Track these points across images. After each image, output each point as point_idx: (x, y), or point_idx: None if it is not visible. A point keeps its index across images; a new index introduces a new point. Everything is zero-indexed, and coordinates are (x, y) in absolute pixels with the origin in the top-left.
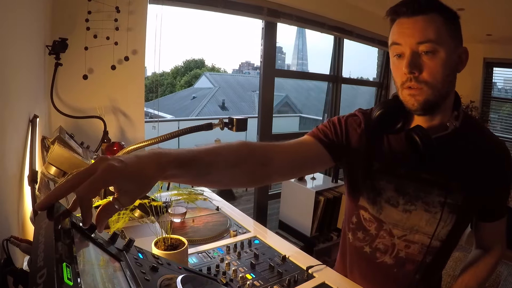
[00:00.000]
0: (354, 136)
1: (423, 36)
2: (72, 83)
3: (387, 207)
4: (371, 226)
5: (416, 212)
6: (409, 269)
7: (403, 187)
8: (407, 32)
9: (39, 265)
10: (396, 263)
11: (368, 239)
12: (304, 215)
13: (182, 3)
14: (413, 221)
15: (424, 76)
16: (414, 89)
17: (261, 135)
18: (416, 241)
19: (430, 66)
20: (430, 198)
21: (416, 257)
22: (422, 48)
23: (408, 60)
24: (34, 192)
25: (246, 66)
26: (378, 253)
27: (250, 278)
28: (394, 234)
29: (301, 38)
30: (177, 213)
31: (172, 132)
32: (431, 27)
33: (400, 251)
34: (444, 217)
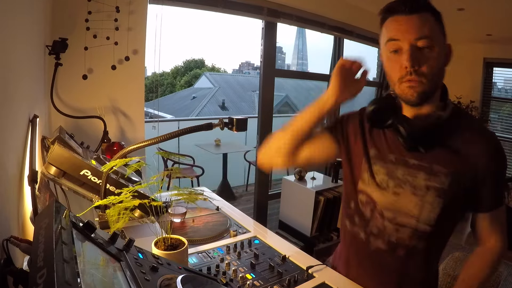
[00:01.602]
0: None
1: (421, 32)
2: (72, 83)
3: (379, 190)
4: (366, 208)
5: (404, 194)
6: (401, 255)
7: (393, 172)
8: (405, 29)
9: (39, 265)
10: (389, 249)
11: (363, 223)
12: (304, 215)
13: (182, 3)
14: (401, 204)
15: (423, 70)
16: (413, 81)
17: (261, 135)
18: (405, 224)
19: (427, 60)
20: (417, 182)
21: (406, 242)
22: (420, 43)
23: (410, 55)
24: (34, 192)
25: (246, 66)
26: (372, 237)
27: (250, 278)
28: (385, 216)
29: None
30: (177, 213)
31: (172, 132)
32: (426, 24)
33: (391, 235)
34: (430, 200)
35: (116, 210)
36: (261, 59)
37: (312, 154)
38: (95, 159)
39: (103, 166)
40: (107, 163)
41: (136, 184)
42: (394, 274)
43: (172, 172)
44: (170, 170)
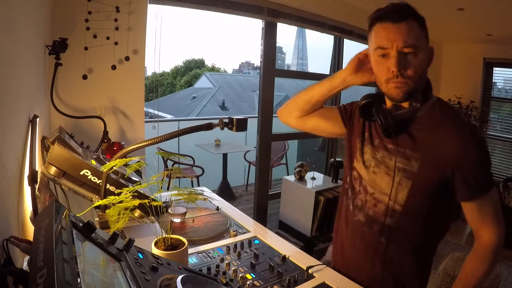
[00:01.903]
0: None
1: (407, 41)
2: (72, 83)
3: (364, 168)
4: (356, 183)
5: (380, 174)
6: (376, 230)
7: (375, 153)
8: (393, 36)
9: (39, 265)
10: (366, 222)
11: (353, 196)
12: (304, 215)
13: (182, 3)
14: (377, 181)
15: (409, 73)
16: (399, 83)
17: (261, 135)
18: (380, 200)
19: (413, 65)
20: (391, 163)
21: (380, 218)
22: (406, 50)
23: (396, 60)
24: (34, 192)
25: (246, 66)
26: (356, 210)
27: (250, 278)
28: (368, 191)
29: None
30: (177, 213)
31: (172, 132)
32: (412, 32)
33: (369, 209)
34: (400, 180)
35: (116, 210)
36: (261, 59)
37: (320, 122)
38: (95, 159)
39: (103, 166)
40: (107, 163)
41: (136, 184)
42: (370, 248)
43: (172, 172)
44: (170, 170)
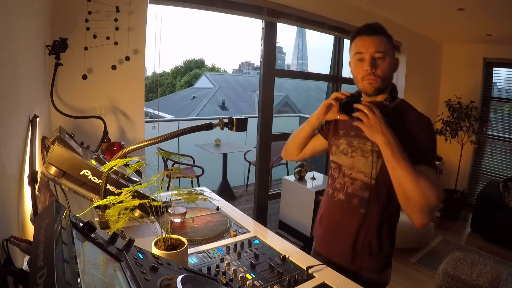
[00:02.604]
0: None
1: (378, 48)
2: (72, 83)
3: (341, 155)
4: (335, 171)
5: (357, 157)
6: (355, 203)
7: (351, 142)
8: (367, 45)
9: (39, 265)
10: (346, 198)
11: (332, 182)
12: (304, 215)
13: (182, 3)
14: (354, 163)
15: (378, 72)
16: (371, 80)
17: (261, 135)
18: (358, 178)
19: (381, 66)
20: (365, 148)
21: (358, 193)
22: (377, 55)
23: (369, 62)
24: (34, 192)
25: (246, 66)
26: (336, 192)
27: (250, 278)
28: (346, 174)
29: (301, 38)
30: (177, 213)
31: (172, 132)
32: (382, 43)
33: (348, 187)
34: (373, 159)
35: (116, 210)
36: (261, 59)
37: (314, 148)
38: (95, 159)
39: (103, 166)
40: (107, 163)
41: (136, 184)
42: (352, 220)
43: (172, 172)
44: (170, 170)
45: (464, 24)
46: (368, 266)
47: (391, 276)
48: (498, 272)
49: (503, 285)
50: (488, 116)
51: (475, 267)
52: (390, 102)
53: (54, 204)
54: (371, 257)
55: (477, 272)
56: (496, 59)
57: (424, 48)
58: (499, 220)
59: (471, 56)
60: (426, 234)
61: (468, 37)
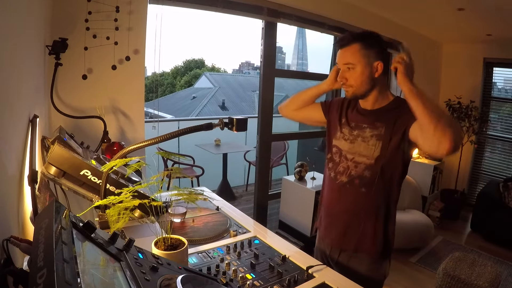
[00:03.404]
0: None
1: (346, 60)
2: (72, 83)
3: (343, 141)
4: (336, 155)
5: (357, 143)
6: (356, 183)
7: (351, 131)
8: (339, 56)
9: (39, 265)
10: (349, 180)
11: (334, 166)
12: (304, 215)
13: (182, 3)
14: (356, 148)
15: (350, 82)
16: (346, 88)
17: (261, 135)
18: (360, 162)
19: (351, 76)
20: (365, 134)
21: (360, 173)
22: (346, 67)
23: (341, 74)
24: (34, 192)
25: (246, 66)
26: (339, 175)
27: (250, 278)
28: (348, 158)
29: (301, 38)
30: (177, 213)
31: (172, 132)
32: (349, 54)
33: (351, 170)
34: (374, 143)
35: (116, 210)
36: (261, 59)
37: (308, 114)
38: (95, 159)
39: (103, 166)
40: (107, 163)
41: (136, 184)
42: (354, 199)
43: (172, 172)
44: (170, 170)
45: (464, 24)
46: (365, 249)
47: (392, 276)
48: (498, 272)
49: (503, 285)
50: (488, 116)
51: (475, 267)
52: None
53: (54, 204)
54: (369, 240)
55: (477, 272)
56: (496, 59)
57: (424, 48)
58: (499, 220)
59: (471, 56)
60: (426, 234)
61: (468, 37)
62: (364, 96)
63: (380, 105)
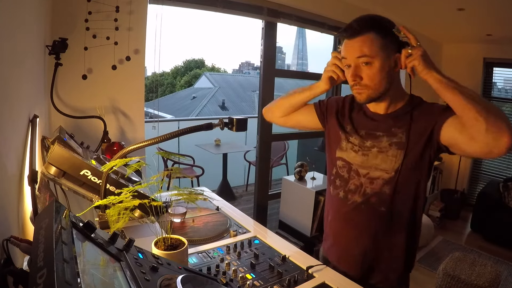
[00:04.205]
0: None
1: (360, 52)
2: (72, 83)
3: (351, 152)
4: (343, 170)
5: (371, 154)
6: (373, 201)
7: (363, 141)
8: (349, 50)
9: (39, 265)
10: (364, 200)
11: (343, 184)
12: (304, 215)
13: (182, 3)
14: (371, 161)
15: (365, 81)
16: (358, 89)
17: (261, 135)
18: (377, 176)
19: (368, 74)
20: (382, 144)
21: (378, 190)
22: (361, 60)
23: (352, 71)
24: (34, 192)
25: (246, 66)
26: (350, 194)
27: (250, 278)
28: (360, 173)
29: (301, 38)
30: (177, 213)
31: (172, 132)
32: (365, 45)
33: (366, 188)
34: (394, 153)
35: (116, 210)
36: (261, 59)
37: (301, 119)
38: (95, 159)
39: (103, 166)
40: (107, 163)
41: (136, 184)
42: (372, 220)
43: (172, 172)
44: (170, 170)
45: (464, 24)
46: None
47: None
48: (498, 272)
49: (503, 285)
50: None
51: (475, 267)
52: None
53: (54, 204)
54: (400, 264)
55: (477, 272)
56: (496, 59)
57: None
58: (499, 220)
59: (471, 56)
60: (426, 234)
61: (468, 37)
62: (380, 99)
63: (396, 107)
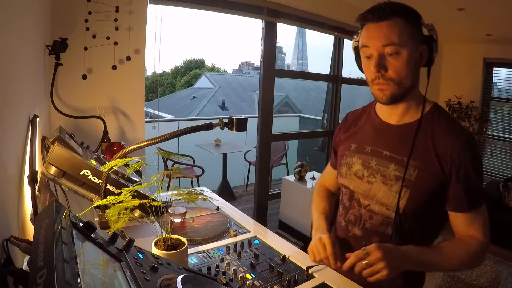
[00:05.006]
0: (341, 134)
1: (387, 40)
2: (72, 83)
3: (355, 179)
4: (345, 199)
5: (376, 183)
6: (375, 241)
7: (367, 162)
8: (374, 36)
9: (39, 265)
10: (364, 235)
11: (344, 212)
12: (304, 215)
13: (182, 3)
14: (374, 192)
15: (390, 74)
16: (382, 85)
17: (261, 135)
18: (377, 212)
19: (394, 66)
20: (388, 172)
21: (379, 229)
22: (387, 50)
23: (376, 61)
24: (34, 192)
25: (246, 66)
26: (350, 225)
27: (250, 278)
28: (361, 203)
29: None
30: (177, 213)
31: (172, 132)
32: (394, 31)
33: (365, 221)
34: (398, 189)
35: (116, 210)
36: (261, 59)
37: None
38: (95, 159)
39: (103, 166)
40: (107, 163)
41: (136, 184)
42: None
43: (172, 172)
44: (170, 170)
45: (464, 24)
46: None
47: None
48: (498, 272)
49: (503, 285)
50: (488, 116)
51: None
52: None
53: (54, 204)
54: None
55: (477, 272)
56: (496, 59)
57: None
58: (499, 220)
59: (471, 56)
60: None
61: (468, 37)
62: (401, 99)
63: (413, 117)
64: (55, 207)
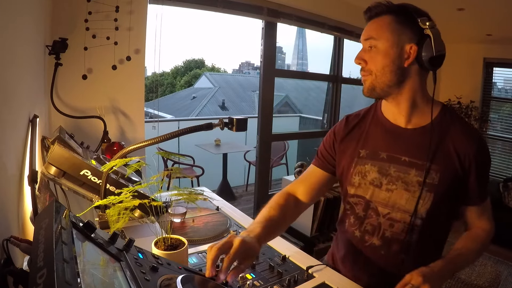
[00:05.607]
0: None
1: (367, 34)
2: (72, 83)
3: (372, 187)
4: (359, 208)
5: (397, 191)
6: (395, 250)
7: (385, 169)
8: (363, 32)
9: (39, 265)
10: (383, 244)
11: (358, 222)
12: (304, 215)
13: (182, 3)
14: (395, 199)
15: (369, 66)
16: (363, 76)
17: (261, 135)
18: (398, 219)
19: (371, 58)
20: (409, 178)
21: (400, 236)
22: (367, 43)
23: (358, 53)
24: (34, 192)
25: (246, 66)
26: (367, 235)
27: (250, 278)
28: (380, 212)
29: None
30: (177, 213)
31: (172, 132)
32: (375, 27)
33: (385, 230)
34: (422, 195)
35: (116, 210)
36: (261, 59)
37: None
38: (95, 159)
39: (103, 166)
40: (107, 163)
41: (136, 184)
42: (390, 270)
43: (172, 172)
44: (170, 170)
45: (464, 24)
46: None
47: None
48: (498, 272)
49: (503, 285)
50: (488, 116)
51: (475, 267)
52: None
53: (54, 204)
54: None
55: (477, 272)
56: (496, 59)
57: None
58: (499, 220)
59: (471, 56)
60: None
61: (468, 37)
62: (388, 94)
63: (422, 118)
64: (55, 207)
